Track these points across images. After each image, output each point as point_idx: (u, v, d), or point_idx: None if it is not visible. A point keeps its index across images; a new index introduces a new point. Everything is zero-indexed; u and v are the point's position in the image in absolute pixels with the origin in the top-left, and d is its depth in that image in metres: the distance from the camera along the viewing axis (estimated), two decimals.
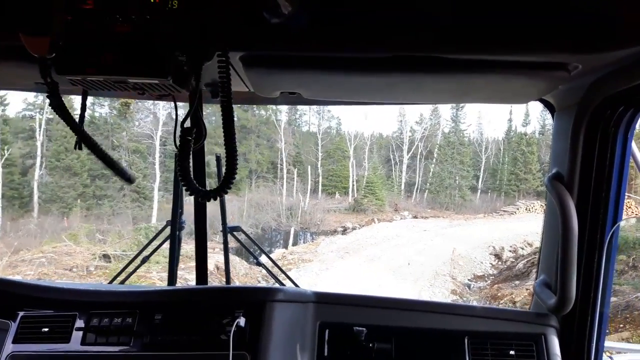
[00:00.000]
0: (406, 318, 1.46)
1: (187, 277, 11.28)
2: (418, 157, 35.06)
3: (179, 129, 0.98)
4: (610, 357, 1.70)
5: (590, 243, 1.31)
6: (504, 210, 29.68)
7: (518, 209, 29.09)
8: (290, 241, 20.23)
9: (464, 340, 1.40)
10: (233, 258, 12.00)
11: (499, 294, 12.95)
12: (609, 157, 1.23)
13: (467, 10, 0.86)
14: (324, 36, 0.89)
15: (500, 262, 17.00)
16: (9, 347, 1.37)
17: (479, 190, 35.33)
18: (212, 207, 1.61)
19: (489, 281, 14.89)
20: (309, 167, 32.22)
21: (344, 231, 23.26)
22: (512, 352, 1.37)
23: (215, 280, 10.57)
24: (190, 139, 0.96)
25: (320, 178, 32.79)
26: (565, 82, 1.07)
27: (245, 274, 12.11)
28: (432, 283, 13.74)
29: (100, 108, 26.41)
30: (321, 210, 26.98)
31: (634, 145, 1.33)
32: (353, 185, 32.34)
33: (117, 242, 11.98)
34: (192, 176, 0.95)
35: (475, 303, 12.55)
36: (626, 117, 1.19)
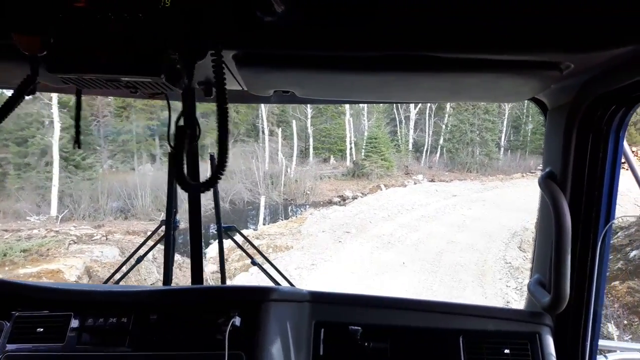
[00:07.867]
0: (401, 317, 1.49)
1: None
2: (427, 112, 29.34)
3: (173, 127, 1.04)
4: (605, 356, 1.65)
5: (583, 242, 1.33)
6: (541, 170, 24.29)
7: None
8: (260, 217, 14.08)
9: (459, 339, 1.44)
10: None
11: (634, 299, 7.01)
12: (601, 156, 1.25)
13: (460, 10, 0.86)
14: (317, 35, 0.90)
15: None
16: (4, 347, 1.41)
17: (502, 148, 29.87)
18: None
19: None
20: (294, 121, 26.49)
21: (342, 201, 18.25)
22: (506, 351, 1.40)
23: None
24: (185, 137, 0.97)
25: (311, 140, 27.69)
26: (557, 81, 1.09)
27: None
28: (511, 285, 7.63)
29: None
30: (311, 177, 22.13)
31: (625, 144, 1.34)
32: (351, 147, 26.87)
33: None
34: (185, 172, 0.93)
35: None
36: (618, 116, 1.20)
